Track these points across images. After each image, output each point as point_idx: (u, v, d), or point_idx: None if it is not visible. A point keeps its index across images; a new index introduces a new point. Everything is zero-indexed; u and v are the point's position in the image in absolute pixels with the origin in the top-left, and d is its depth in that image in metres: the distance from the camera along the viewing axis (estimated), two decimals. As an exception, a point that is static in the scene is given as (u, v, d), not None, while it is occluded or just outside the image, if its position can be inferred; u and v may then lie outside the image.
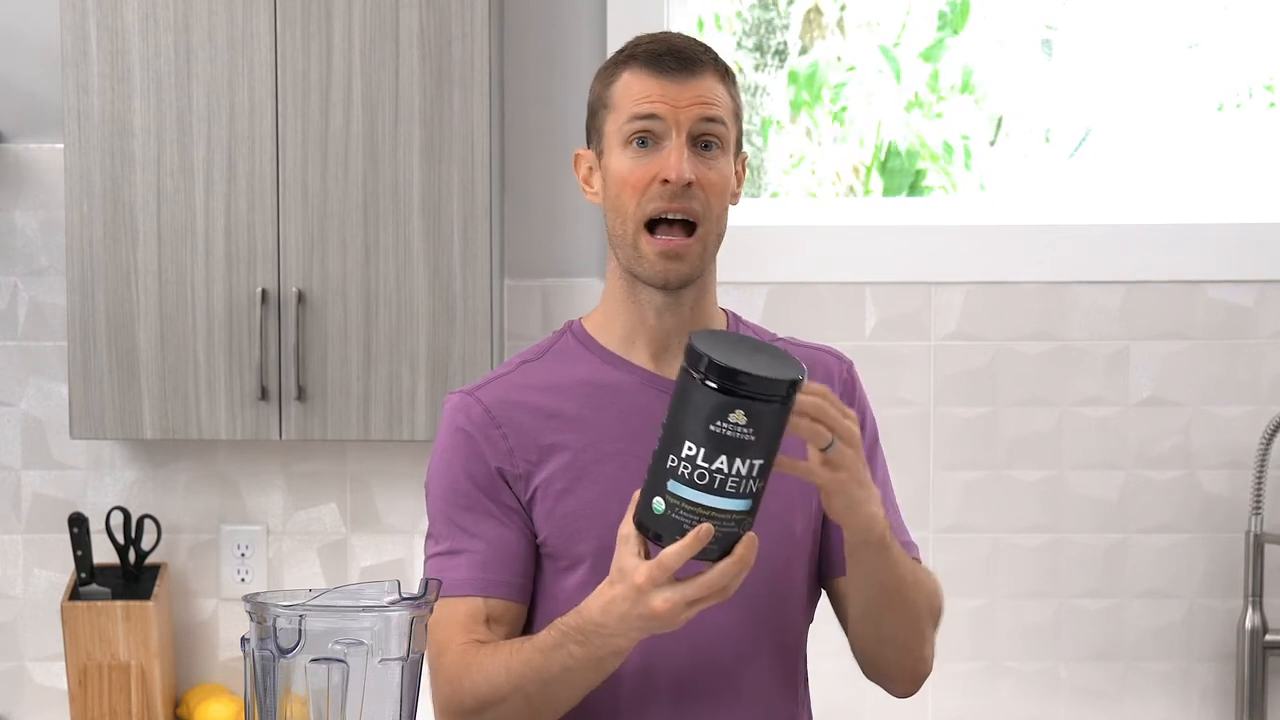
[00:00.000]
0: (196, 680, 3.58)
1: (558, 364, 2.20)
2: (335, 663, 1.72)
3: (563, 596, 2.16)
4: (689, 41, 2.14)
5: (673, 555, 1.85)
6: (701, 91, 2.10)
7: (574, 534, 2.13)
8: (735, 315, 2.27)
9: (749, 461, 1.83)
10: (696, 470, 1.84)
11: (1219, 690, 3.56)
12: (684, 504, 1.85)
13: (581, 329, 2.22)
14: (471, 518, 2.15)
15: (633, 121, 2.10)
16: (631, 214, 2.10)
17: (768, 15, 3.69)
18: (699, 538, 1.83)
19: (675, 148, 2.08)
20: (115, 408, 3.27)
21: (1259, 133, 3.61)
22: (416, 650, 1.78)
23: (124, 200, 3.25)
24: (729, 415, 1.82)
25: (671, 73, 2.10)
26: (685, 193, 2.08)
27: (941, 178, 3.68)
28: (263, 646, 1.74)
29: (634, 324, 2.17)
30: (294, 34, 3.24)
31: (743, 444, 1.83)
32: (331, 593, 1.81)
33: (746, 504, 1.85)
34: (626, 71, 2.13)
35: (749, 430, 1.82)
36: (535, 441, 2.14)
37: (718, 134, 2.11)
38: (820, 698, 3.58)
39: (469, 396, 2.18)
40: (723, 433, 1.82)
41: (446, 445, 2.18)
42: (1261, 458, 3.42)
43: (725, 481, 1.83)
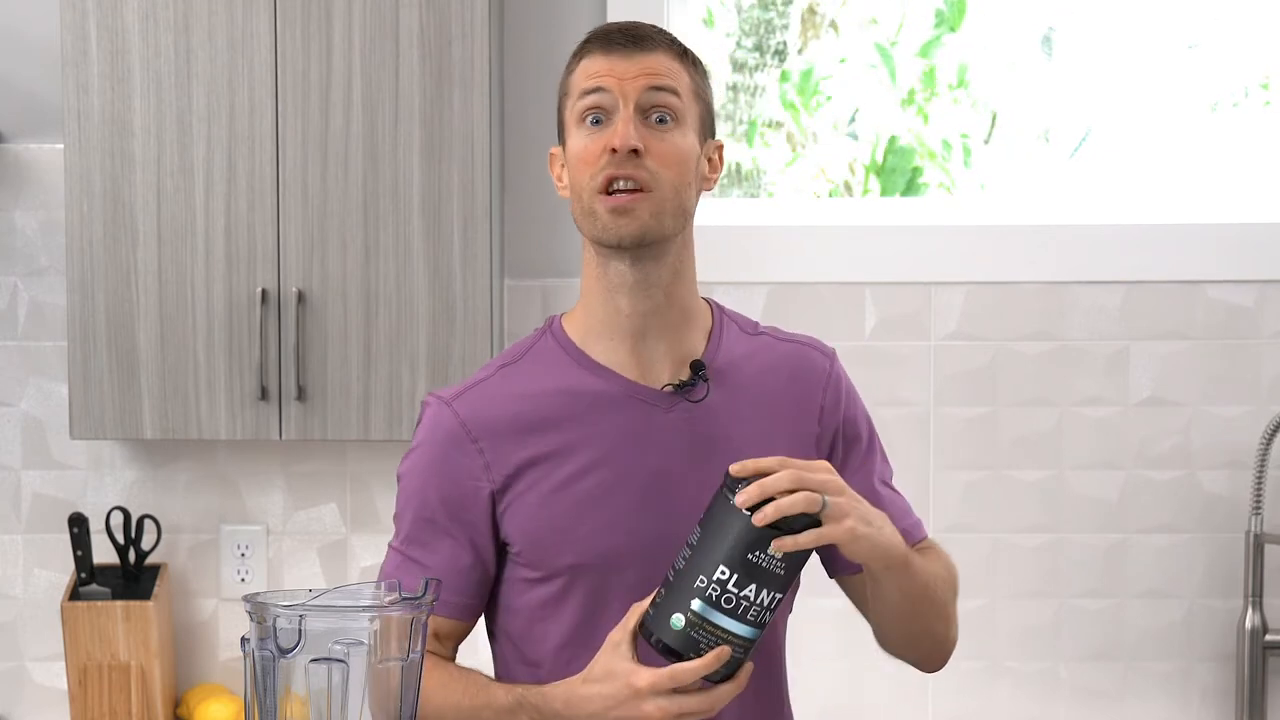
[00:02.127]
0: (196, 680, 3.58)
1: (537, 369, 2.17)
2: (335, 663, 1.72)
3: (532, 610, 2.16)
4: (649, 26, 2.15)
5: (688, 671, 1.89)
6: (650, 64, 2.10)
7: (551, 547, 2.13)
8: (718, 305, 2.25)
9: (773, 594, 1.89)
10: (725, 594, 1.88)
11: (1219, 690, 3.56)
12: (706, 625, 1.89)
13: (561, 329, 2.20)
14: (432, 532, 2.15)
15: (583, 98, 2.11)
16: (586, 186, 2.09)
17: (767, 15, 3.69)
18: (718, 659, 1.89)
19: (623, 119, 2.08)
20: (115, 408, 3.27)
21: (1258, 132, 3.61)
22: (416, 650, 1.78)
23: (124, 200, 3.25)
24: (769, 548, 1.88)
25: (619, 48, 2.11)
26: (632, 160, 2.07)
27: (939, 175, 3.68)
28: (263, 646, 1.74)
29: (610, 314, 2.15)
30: (294, 34, 3.24)
31: (774, 576, 1.88)
32: (331, 593, 1.81)
33: (757, 633, 1.91)
34: (583, 58, 2.14)
35: (783, 565, 1.88)
36: (512, 456, 2.13)
37: (669, 104, 2.10)
38: (820, 698, 3.58)
39: (447, 407, 2.16)
40: (759, 563, 1.88)
41: (422, 454, 2.17)
42: (1261, 458, 3.43)
43: (749, 609, 1.89)
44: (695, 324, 2.18)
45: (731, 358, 2.19)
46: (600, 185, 2.08)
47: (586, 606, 2.14)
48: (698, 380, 2.15)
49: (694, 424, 2.14)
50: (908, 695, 3.57)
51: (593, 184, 2.09)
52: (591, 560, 2.11)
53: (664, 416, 2.14)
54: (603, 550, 2.11)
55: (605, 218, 2.08)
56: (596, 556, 2.11)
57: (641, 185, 2.07)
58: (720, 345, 2.19)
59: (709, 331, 2.20)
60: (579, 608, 2.14)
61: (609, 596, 2.13)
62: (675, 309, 2.16)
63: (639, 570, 2.12)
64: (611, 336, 2.16)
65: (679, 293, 2.16)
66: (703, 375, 2.15)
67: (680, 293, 2.16)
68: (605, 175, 2.08)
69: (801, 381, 2.21)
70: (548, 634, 2.16)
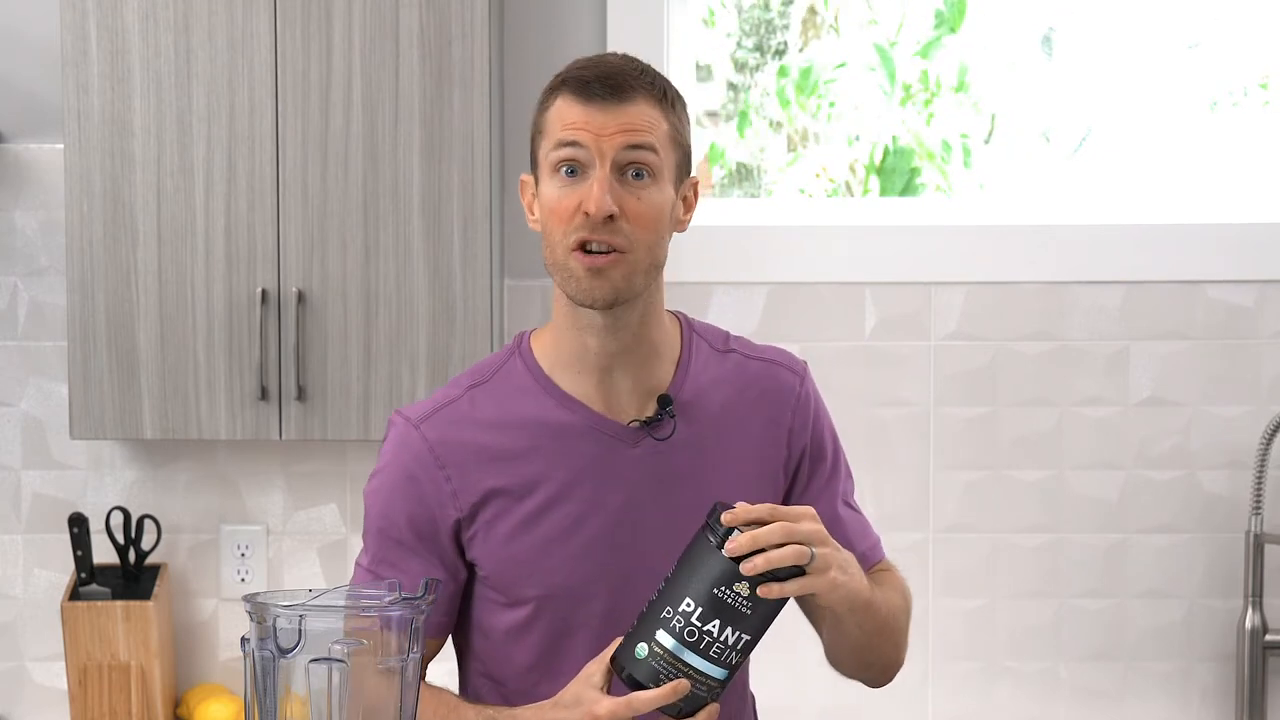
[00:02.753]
0: (196, 680, 3.58)
1: (505, 393, 2.16)
2: (335, 663, 1.72)
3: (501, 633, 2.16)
4: (624, 65, 2.09)
5: (644, 700, 1.90)
6: (630, 118, 2.05)
7: (518, 578, 2.13)
8: (688, 323, 2.23)
9: (739, 634, 1.90)
10: (689, 627, 1.90)
11: (1219, 690, 3.56)
12: (666, 655, 1.90)
13: (530, 352, 2.18)
14: (400, 553, 2.14)
15: (558, 149, 2.06)
16: (559, 242, 2.07)
17: (767, 15, 3.69)
18: (675, 691, 1.89)
19: (598, 179, 2.04)
20: (115, 408, 3.27)
21: (1258, 132, 3.61)
22: (416, 650, 1.78)
23: (124, 200, 3.25)
24: (735, 585, 1.88)
25: (598, 99, 2.05)
26: (608, 226, 2.04)
27: (937, 176, 3.68)
28: (263, 646, 1.74)
29: (578, 348, 2.14)
30: (294, 34, 3.24)
31: (739, 615, 1.89)
32: (331, 593, 1.81)
33: (723, 674, 1.91)
34: (559, 98, 2.08)
35: (749, 604, 1.88)
36: (479, 484, 2.12)
37: (647, 162, 2.06)
38: (820, 698, 3.58)
39: (414, 430, 2.14)
40: (724, 599, 1.89)
41: (389, 476, 2.16)
42: (1261, 458, 3.42)
43: (712, 646, 1.89)
44: (663, 355, 2.17)
45: (699, 387, 2.18)
46: (574, 244, 2.06)
47: (553, 634, 2.14)
48: (664, 416, 2.14)
49: (661, 460, 2.14)
50: (907, 695, 3.57)
51: (566, 240, 2.06)
52: (557, 593, 2.12)
53: (630, 452, 2.13)
54: (569, 584, 2.12)
55: (580, 278, 2.06)
56: (562, 589, 2.12)
57: (616, 248, 2.05)
58: (688, 374, 2.18)
59: (677, 360, 2.18)
60: (545, 635, 2.14)
61: (575, 626, 2.13)
62: (644, 346, 2.15)
63: (605, 602, 2.13)
64: (579, 370, 2.15)
65: (648, 332, 2.15)
66: (669, 411, 2.14)
67: (649, 331, 2.15)
68: (579, 237, 2.05)
69: (770, 403, 2.20)
70: (514, 656, 2.17)
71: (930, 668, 3.56)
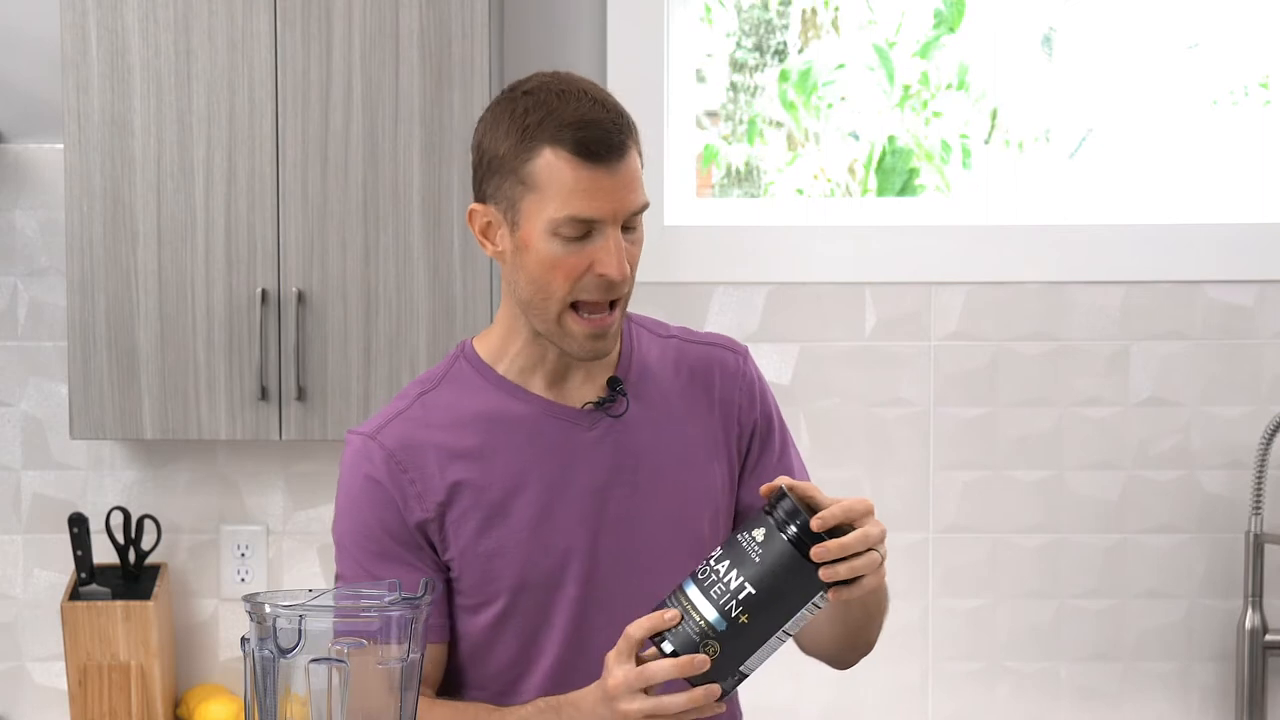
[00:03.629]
0: (196, 680, 3.58)
1: (455, 393, 2.16)
2: (335, 663, 1.72)
3: (476, 635, 2.16)
4: (606, 110, 2.05)
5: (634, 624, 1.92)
6: (631, 177, 2.05)
7: (488, 573, 2.13)
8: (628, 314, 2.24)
9: (740, 578, 1.89)
10: (706, 566, 1.91)
11: (1219, 690, 3.56)
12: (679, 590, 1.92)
13: (474, 354, 2.19)
14: (386, 565, 2.13)
15: (571, 223, 2.03)
16: (559, 297, 2.06)
17: (767, 15, 3.69)
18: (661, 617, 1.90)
19: (614, 245, 2.04)
20: (115, 408, 3.27)
21: (1258, 132, 3.61)
22: (416, 650, 1.78)
23: (124, 200, 3.25)
24: (754, 529, 1.90)
25: (603, 161, 2.03)
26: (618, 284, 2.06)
27: (935, 176, 3.67)
28: (263, 646, 1.74)
29: (534, 359, 2.15)
30: (294, 34, 3.24)
31: (746, 560, 1.89)
32: (331, 593, 1.81)
33: (720, 622, 1.89)
34: (548, 150, 2.03)
35: (758, 552, 1.88)
36: (441, 482, 2.12)
37: (640, 216, 2.08)
38: (820, 698, 3.58)
39: (371, 441, 2.14)
40: (740, 540, 1.90)
41: (355, 492, 2.15)
42: (1261, 458, 3.42)
43: (715, 584, 1.90)
44: None
45: (645, 364, 2.20)
46: (577, 299, 2.06)
47: (528, 629, 2.14)
48: (616, 396, 2.16)
49: (618, 439, 2.15)
50: (907, 695, 3.57)
51: (569, 298, 2.06)
52: (532, 581, 2.12)
53: (587, 434, 2.15)
54: (543, 569, 2.12)
55: (580, 340, 2.08)
56: (537, 576, 2.12)
57: (619, 299, 2.09)
58: (633, 355, 2.20)
59: (619, 346, 2.20)
60: (521, 630, 2.14)
61: (550, 615, 2.14)
62: None
63: (579, 586, 2.13)
64: (532, 372, 2.16)
65: None
66: (621, 390, 2.16)
67: None
68: (590, 298, 2.05)
69: (716, 383, 2.22)
70: (492, 657, 2.16)
71: (930, 668, 3.56)
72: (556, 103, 2.05)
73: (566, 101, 2.05)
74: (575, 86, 2.07)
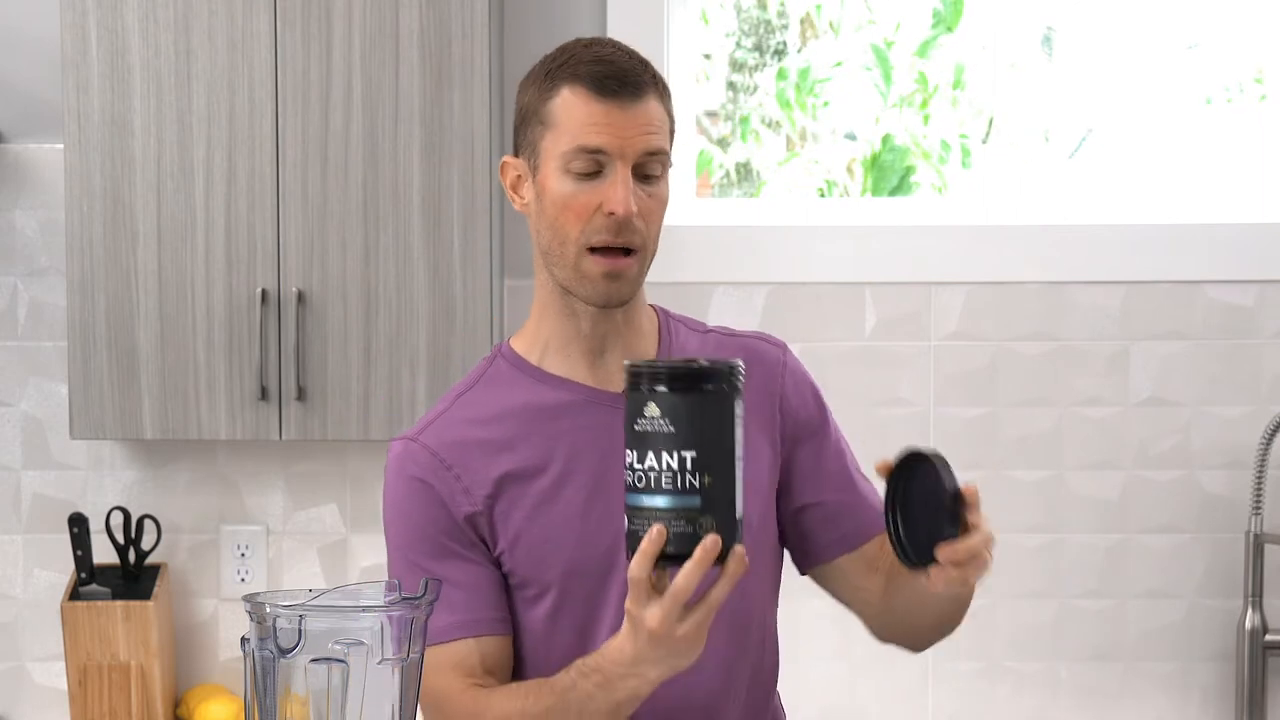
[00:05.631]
0: (196, 680, 3.58)
1: (494, 391, 2.17)
2: (335, 663, 1.72)
3: (535, 627, 2.16)
4: (630, 58, 2.09)
5: (634, 564, 1.85)
6: (647, 119, 2.06)
7: (540, 561, 2.13)
8: (665, 311, 2.26)
9: (677, 454, 1.85)
10: (635, 474, 1.87)
11: (1219, 690, 3.56)
12: (636, 512, 1.87)
13: (511, 352, 2.20)
14: (441, 563, 2.13)
15: (579, 154, 2.05)
16: (574, 239, 2.07)
17: (766, 15, 3.70)
18: (653, 539, 1.84)
19: (621, 181, 2.05)
20: (115, 408, 3.27)
21: (1258, 132, 3.61)
22: (416, 650, 1.78)
23: (124, 200, 3.25)
24: (644, 410, 1.86)
25: (615, 96, 2.05)
26: (627, 225, 2.06)
27: (931, 175, 3.67)
28: (263, 646, 1.74)
29: (568, 334, 2.15)
30: (294, 34, 3.24)
31: (663, 437, 1.85)
32: (331, 593, 1.81)
33: (694, 500, 1.85)
34: (566, 88, 2.07)
35: (665, 422, 1.85)
36: (487, 476, 2.13)
37: (660, 161, 2.08)
38: (819, 698, 3.58)
39: (413, 443, 2.15)
40: (643, 430, 1.86)
41: (402, 494, 2.15)
42: (1261, 458, 3.43)
43: (660, 478, 1.86)
44: (646, 332, 2.20)
45: (686, 354, 2.20)
46: (591, 244, 2.07)
47: (582, 614, 2.14)
48: None
49: None
50: (907, 695, 3.57)
51: (582, 239, 2.07)
52: (583, 567, 2.12)
53: None
54: (593, 555, 2.12)
55: (596, 281, 2.08)
56: (588, 562, 2.12)
57: (633, 247, 2.08)
58: (672, 345, 2.21)
59: (658, 335, 2.21)
60: (575, 619, 2.14)
61: (604, 601, 2.13)
62: (631, 324, 2.18)
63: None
64: (569, 353, 2.16)
65: (635, 311, 2.18)
66: None
67: (636, 309, 2.18)
68: (600, 239, 2.06)
69: (759, 371, 2.22)
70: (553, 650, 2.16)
71: (930, 668, 3.56)
72: (582, 50, 2.10)
73: (592, 48, 2.10)
74: (607, 41, 2.12)
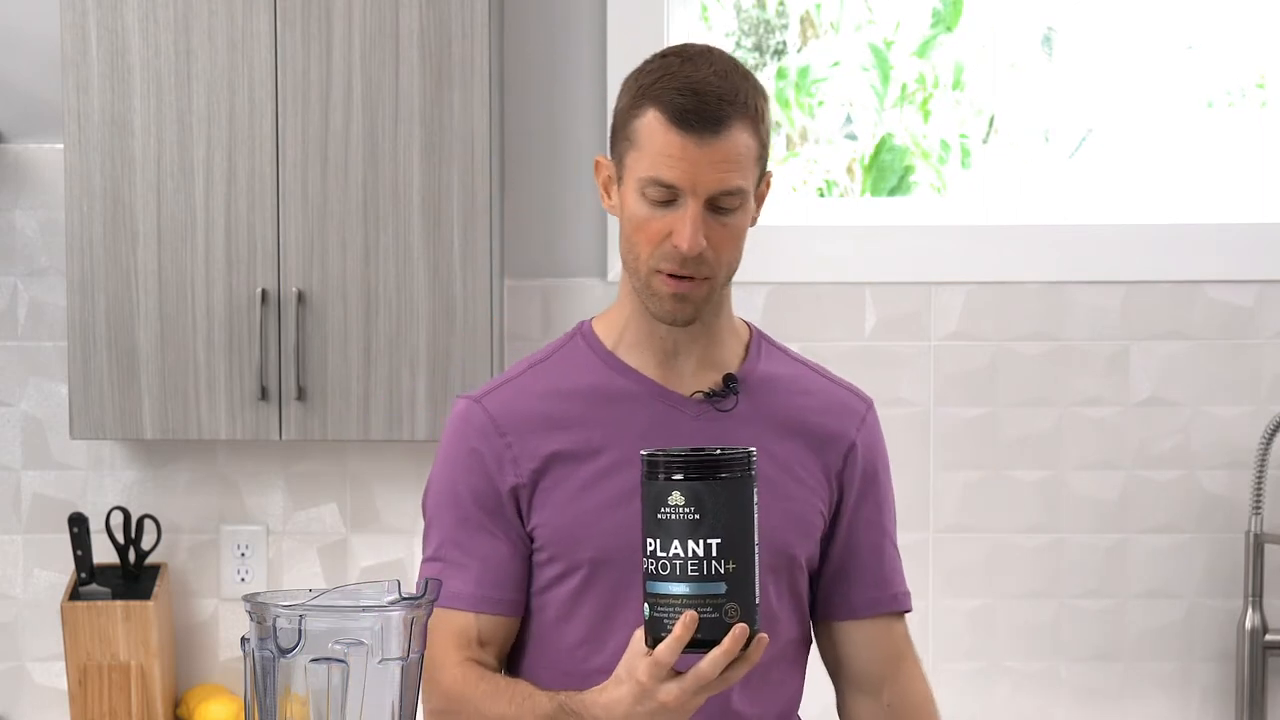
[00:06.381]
0: (196, 680, 3.58)
1: (565, 366, 2.20)
2: (335, 663, 1.72)
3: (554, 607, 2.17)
4: (723, 82, 2.05)
5: (664, 650, 1.87)
6: (725, 155, 2.04)
7: (574, 542, 2.14)
8: (759, 331, 2.26)
9: (703, 542, 1.86)
10: (659, 562, 1.88)
11: (1219, 690, 3.56)
12: (660, 600, 1.89)
13: (591, 331, 2.22)
14: (469, 533, 2.16)
15: (652, 183, 2.05)
16: (644, 260, 2.09)
17: (765, 15, 3.69)
18: (685, 626, 1.86)
19: (690, 218, 2.04)
20: (115, 408, 3.27)
21: (1258, 132, 3.61)
22: (416, 650, 1.78)
23: (124, 200, 3.25)
24: (667, 499, 1.87)
25: (694, 130, 2.03)
26: (695, 258, 2.06)
27: (930, 175, 3.67)
28: (263, 646, 1.74)
29: (644, 330, 2.17)
30: (294, 34, 3.24)
31: (689, 525, 1.87)
32: (331, 593, 1.81)
33: (720, 587, 1.87)
34: (652, 111, 2.06)
35: (690, 510, 1.86)
36: (538, 449, 2.15)
37: (736, 198, 2.07)
38: (821, 698, 3.57)
39: (476, 404, 2.18)
40: (667, 518, 1.87)
41: (451, 455, 2.18)
42: (1261, 458, 3.43)
43: (685, 566, 1.87)
44: (729, 341, 2.21)
45: (770, 375, 2.21)
46: (659, 267, 2.08)
47: (604, 602, 2.15)
48: (729, 392, 2.17)
49: (720, 430, 2.16)
50: (908, 695, 3.57)
51: (651, 263, 2.08)
52: (612, 555, 2.13)
53: (689, 421, 2.16)
54: (624, 546, 2.13)
55: (664, 299, 2.10)
56: (617, 551, 2.13)
57: (700, 277, 2.08)
58: (758, 363, 2.21)
59: (746, 346, 2.22)
60: (596, 606, 2.16)
61: (627, 594, 2.14)
62: (710, 332, 2.18)
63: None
64: (643, 348, 2.18)
65: (715, 319, 2.18)
66: (734, 388, 2.17)
67: (716, 319, 2.18)
68: (667, 267, 2.07)
69: (837, 417, 2.23)
70: (565, 633, 2.18)
71: (930, 668, 3.56)
72: (677, 67, 2.07)
73: (685, 68, 2.07)
74: (709, 56, 2.08)
